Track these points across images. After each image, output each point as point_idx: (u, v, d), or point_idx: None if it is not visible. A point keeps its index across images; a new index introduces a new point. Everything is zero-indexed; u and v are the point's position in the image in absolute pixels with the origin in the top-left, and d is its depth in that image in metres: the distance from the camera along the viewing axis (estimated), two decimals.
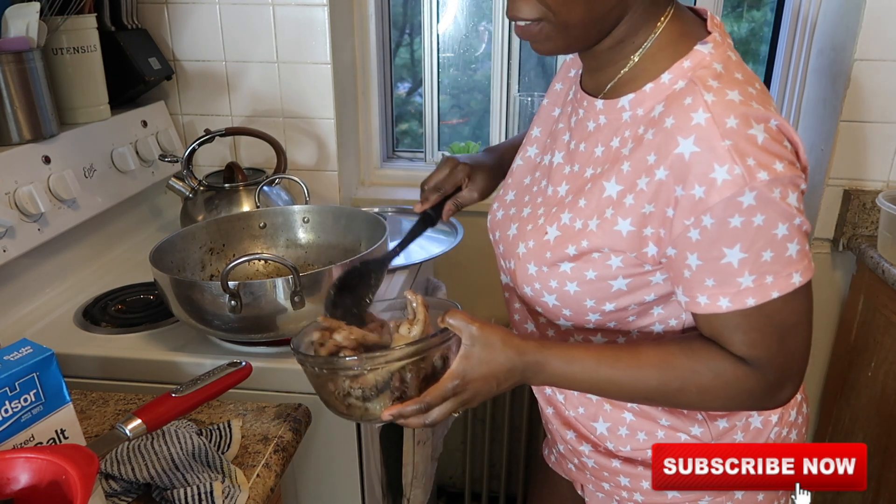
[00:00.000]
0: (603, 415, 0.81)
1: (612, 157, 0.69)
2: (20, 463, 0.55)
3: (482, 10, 1.71)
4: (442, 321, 0.68)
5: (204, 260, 1.10)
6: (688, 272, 0.64)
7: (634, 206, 0.65)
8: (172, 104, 1.51)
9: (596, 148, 0.71)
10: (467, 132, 1.84)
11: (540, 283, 0.74)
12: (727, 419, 0.78)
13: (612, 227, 0.67)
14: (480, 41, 1.75)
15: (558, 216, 0.72)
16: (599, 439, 0.82)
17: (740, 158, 0.58)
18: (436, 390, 0.67)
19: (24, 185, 1.05)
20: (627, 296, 0.70)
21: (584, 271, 0.70)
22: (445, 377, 0.67)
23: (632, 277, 0.69)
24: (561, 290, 0.72)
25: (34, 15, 1.07)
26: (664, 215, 0.64)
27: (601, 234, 0.68)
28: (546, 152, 0.80)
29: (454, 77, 1.79)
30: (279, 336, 0.96)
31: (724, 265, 0.62)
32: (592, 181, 0.70)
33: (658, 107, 0.65)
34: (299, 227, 1.16)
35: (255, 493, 0.71)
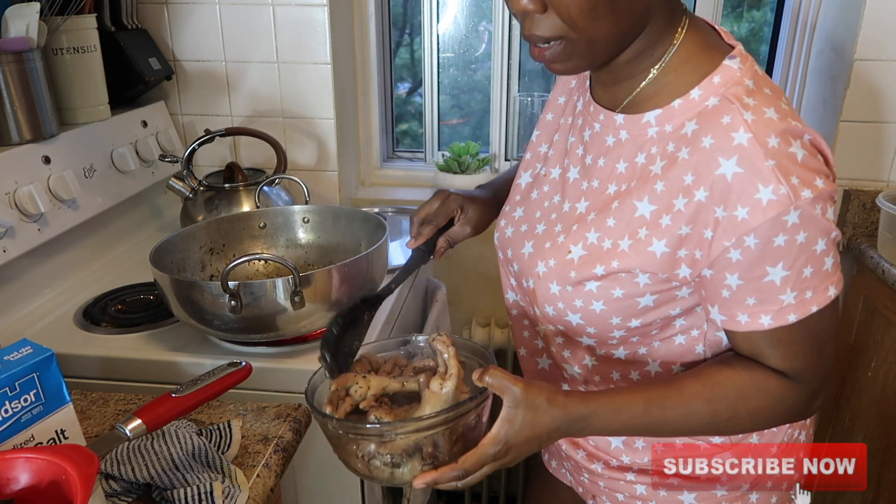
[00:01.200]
0: None
1: (640, 174, 0.67)
2: (20, 463, 0.55)
3: (482, 10, 1.71)
4: (480, 380, 0.64)
5: (204, 260, 1.10)
6: (727, 292, 0.64)
7: (671, 227, 0.64)
8: (172, 104, 1.51)
9: (617, 164, 0.69)
10: (467, 132, 1.84)
11: (563, 303, 0.72)
12: None
13: (646, 247, 0.65)
14: (480, 41, 1.75)
15: (582, 235, 0.70)
16: (614, 454, 0.81)
17: (785, 178, 0.58)
18: (474, 457, 0.63)
19: (24, 185, 1.05)
20: (653, 311, 0.70)
21: (611, 290, 0.68)
22: (486, 442, 0.63)
23: (658, 294, 0.68)
24: (586, 310, 0.71)
25: (34, 15, 1.07)
26: (701, 237, 0.63)
27: (633, 255, 0.66)
28: (555, 166, 0.78)
29: (454, 77, 1.79)
30: (279, 336, 0.96)
31: (767, 283, 0.62)
32: (619, 199, 0.68)
33: (689, 124, 0.64)
34: (299, 227, 1.16)
35: (255, 493, 0.71)
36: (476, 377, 0.64)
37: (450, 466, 0.63)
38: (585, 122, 0.74)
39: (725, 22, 1.66)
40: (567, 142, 0.77)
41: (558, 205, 0.75)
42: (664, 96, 0.66)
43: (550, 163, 0.79)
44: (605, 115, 0.71)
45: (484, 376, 0.63)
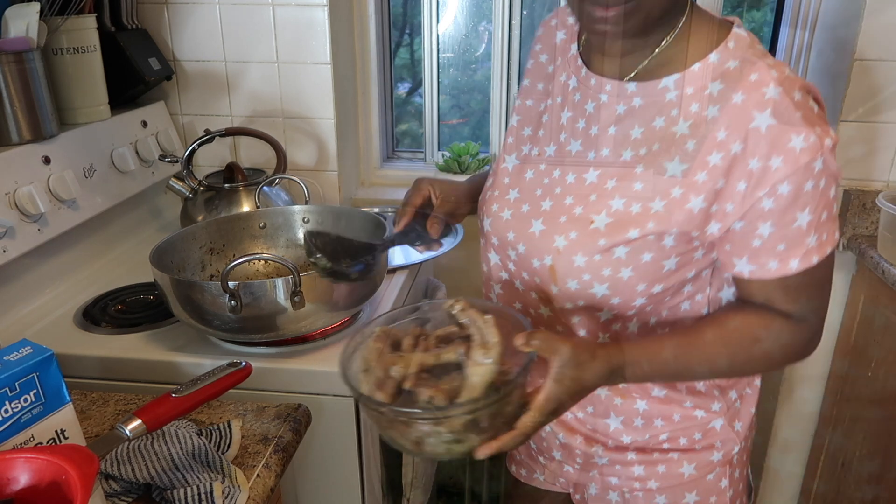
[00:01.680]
0: (614, 410, 0.82)
1: (663, 136, 0.69)
2: (20, 463, 0.55)
3: (482, 10, 1.71)
4: (527, 344, 0.65)
5: (204, 260, 1.10)
6: (758, 241, 0.67)
7: (707, 182, 0.66)
8: (172, 104, 1.51)
9: (631, 130, 0.71)
10: (467, 132, 1.84)
11: (590, 274, 0.72)
12: (735, 389, 0.84)
13: (684, 205, 0.67)
14: (480, 41, 1.75)
15: (604, 203, 0.71)
16: (613, 435, 0.83)
17: (811, 127, 0.62)
18: (531, 420, 0.66)
19: (24, 185, 1.05)
20: (674, 275, 0.72)
21: (640, 255, 0.70)
22: (540, 404, 0.65)
23: (681, 255, 0.71)
24: (614, 278, 0.72)
25: (34, 15, 1.07)
26: (734, 190, 0.65)
27: (669, 215, 0.68)
28: (548, 144, 0.79)
29: (454, 77, 1.79)
30: (279, 336, 0.96)
31: (795, 229, 0.65)
32: (644, 162, 0.70)
33: (714, 84, 0.67)
34: (299, 227, 1.16)
35: (255, 493, 0.71)
36: (521, 342, 0.65)
37: (510, 435, 0.65)
38: (585, 97, 0.75)
39: None
40: (560, 119, 0.78)
41: (560, 178, 0.76)
42: (679, 62, 0.69)
43: (542, 142, 0.80)
44: (612, 85, 0.73)
45: (531, 340, 0.65)
